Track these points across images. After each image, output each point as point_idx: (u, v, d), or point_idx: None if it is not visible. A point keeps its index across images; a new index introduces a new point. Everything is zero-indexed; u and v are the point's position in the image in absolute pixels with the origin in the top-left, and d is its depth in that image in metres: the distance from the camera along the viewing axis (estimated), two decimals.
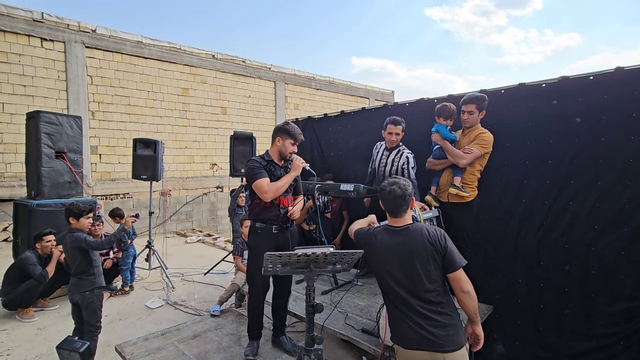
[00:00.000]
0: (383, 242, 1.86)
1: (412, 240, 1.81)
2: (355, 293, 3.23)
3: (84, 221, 2.77)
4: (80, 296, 2.74)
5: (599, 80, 2.48)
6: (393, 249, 1.83)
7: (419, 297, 1.75)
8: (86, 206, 2.80)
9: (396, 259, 1.81)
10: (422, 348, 1.70)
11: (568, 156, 2.59)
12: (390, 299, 1.85)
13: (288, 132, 2.53)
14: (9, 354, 3.14)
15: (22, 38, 6.98)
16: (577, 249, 2.55)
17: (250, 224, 2.63)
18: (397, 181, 1.92)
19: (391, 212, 1.91)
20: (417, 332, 1.71)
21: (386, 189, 1.90)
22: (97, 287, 2.79)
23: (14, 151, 6.95)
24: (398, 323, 1.80)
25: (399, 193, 1.86)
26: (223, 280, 4.89)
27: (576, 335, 2.51)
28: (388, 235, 1.88)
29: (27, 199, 4.58)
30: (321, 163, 4.48)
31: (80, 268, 2.74)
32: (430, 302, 1.75)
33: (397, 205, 1.87)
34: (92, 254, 2.80)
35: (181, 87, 9.13)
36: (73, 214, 2.74)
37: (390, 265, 1.82)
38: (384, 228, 1.94)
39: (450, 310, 1.77)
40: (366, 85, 13.63)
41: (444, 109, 2.95)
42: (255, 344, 2.58)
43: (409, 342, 1.74)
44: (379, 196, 1.96)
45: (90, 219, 2.85)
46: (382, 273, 1.85)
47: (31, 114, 4.67)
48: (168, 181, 8.31)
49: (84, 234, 2.75)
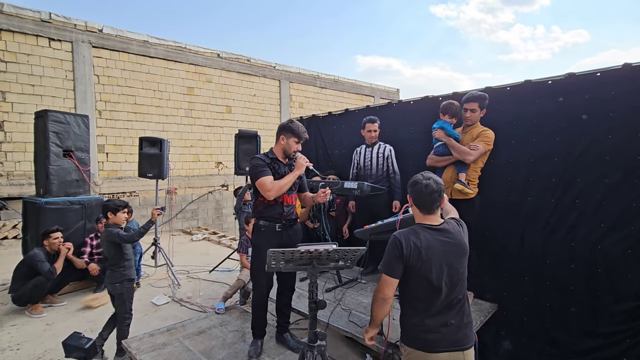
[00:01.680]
0: (429, 243, 1.68)
1: (456, 239, 1.72)
2: (359, 290, 3.23)
3: (120, 215, 2.98)
4: (112, 287, 2.93)
5: (606, 77, 2.45)
6: (439, 249, 1.67)
7: (454, 297, 1.69)
8: (122, 202, 3.05)
9: (443, 260, 1.67)
10: (446, 349, 1.65)
11: (574, 153, 2.57)
12: (419, 302, 1.70)
13: (292, 130, 2.52)
14: (18, 348, 3.20)
15: (31, 38, 7.07)
16: (583, 247, 2.53)
17: (254, 222, 2.65)
18: (432, 175, 1.77)
19: (425, 208, 1.75)
20: (443, 334, 1.66)
21: (422, 182, 1.74)
22: (127, 279, 2.94)
23: (22, 150, 7.05)
24: (420, 326, 1.69)
25: (435, 188, 1.72)
26: (228, 278, 4.92)
27: (582, 333, 2.50)
28: (430, 235, 1.70)
29: (36, 197, 4.65)
30: (325, 161, 4.49)
31: (114, 260, 2.91)
32: (460, 301, 1.71)
33: (434, 201, 1.73)
34: (124, 247, 2.95)
35: (187, 86, 9.18)
36: (110, 209, 2.94)
37: (435, 267, 1.65)
38: (420, 227, 1.74)
39: (468, 306, 1.76)
40: (371, 83, 13.59)
41: (450, 107, 2.95)
42: (258, 342, 2.59)
43: (432, 345, 1.65)
44: (411, 190, 1.78)
45: (125, 213, 3.07)
46: (422, 276, 1.66)
47: (39, 113, 4.73)
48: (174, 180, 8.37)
49: (117, 229, 2.92)
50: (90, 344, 1.86)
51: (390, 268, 1.69)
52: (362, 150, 3.75)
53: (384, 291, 1.70)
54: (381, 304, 1.72)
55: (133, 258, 3.08)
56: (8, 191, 6.88)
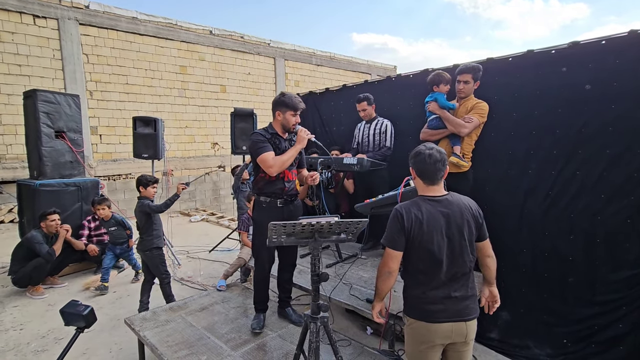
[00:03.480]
0: (430, 215, 1.66)
1: (459, 211, 1.69)
2: (360, 266, 3.25)
3: (150, 190, 3.31)
4: (143, 254, 3.29)
5: (611, 45, 2.39)
6: (440, 220, 1.66)
7: (457, 269, 1.67)
8: (152, 178, 3.36)
9: (444, 232, 1.65)
10: (449, 320, 1.65)
11: (577, 125, 2.53)
12: (421, 274, 1.70)
13: (286, 104, 2.44)
14: (22, 328, 3.22)
15: (14, 15, 6.80)
16: (582, 218, 2.53)
17: (254, 199, 2.62)
18: (433, 145, 1.74)
19: (429, 178, 1.72)
20: (445, 305, 1.66)
21: (424, 152, 1.70)
22: (155, 247, 3.26)
23: (13, 132, 6.91)
24: (422, 298, 1.69)
25: (438, 157, 1.69)
26: (228, 257, 4.94)
27: (580, 302, 2.54)
28: (431, 206, 1.68)
29: (30, 180, 4.58)
30: (324, 138, 4.43)
31: (144, 230, 3.24)
32: (464, 274, 1.70)
33: (437, 170, 1.70)
34: (154, 218, 3.26)
35: (179, 65, 8.95)
36: (142, 184, 3.29)
37: (437, 238, 1.64)
38: (421, 199, 1.72)
39: (473, 279, 1.75)
40: (368, 60, 13.34)
41: (441, 76, 2.92)
42: (261, 316, 2.61)
43: (435, 316, 1.65)
44: (414, 161, 1.75)
45: (155, 188, 3.36)
46: (424, 247, 1.65)
47: (28, 92, 4.60)
48: (170, 161, 8.30)
49: (148, 201, 3.27)
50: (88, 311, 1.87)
51: (393, 241, 1.68)
52: (361, 127, 3.72)
53: (389, 264, 1.70)
54: (387, 277, 1.72)
55: (161, 229, 3.39)
56: (1, 175, 6.79)
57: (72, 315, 1.87)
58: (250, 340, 2.42)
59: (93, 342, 2.95)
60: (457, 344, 1.69)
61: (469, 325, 1.69)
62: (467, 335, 1.68)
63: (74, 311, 1.87)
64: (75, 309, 1.88)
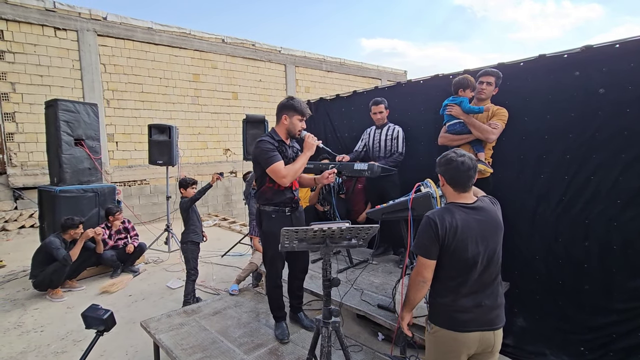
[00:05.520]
0: (464, 222, 1.62)
1: (492, 217, 1.66)
2: (371, 271, 3.26)
3: (190, 190, 3.77)
4: (181, 246, 3.73)
5: (625, 48, 2.36)
6: (474, 228, 1.62)
7: (488, 277, 1.65)
8: (192, 180, 3.82)
9: (479, 239, 1.61)
10: (478, 329, 1.61)
11: (590, 129, 2.50)
12: (451, 281, 1.65)
13: (294, 107, 2.37)
14: (42, 330, 3.32)
15: (36, 28, 7.07)
16: (597, 224, 2.49)
17: (261, 209, 2.47)
18: (464, 152, 1.70)
19: (461, 185, 1.68)
20: (475, 314, 1.62)
21: (457, 159, 1.66)
22: (190, 241, 3.65)
23: (34, 140, 7.15)
24: (451, 305, 1.64)
25: (471, 164, 1.65)
26: (240, 262, 5.00)
27: (597, 310, 2.48)
28: (465, 214, 1.64)
29: (50, 186, 4.74)
30: (335, 145, 4.46)
31: (185, 224, 3.70)
32: (494, 281, 1.67)
33: (469, 178, 1.66)
34: (191, 213, 3.71)
35: (192, 73, 9.14)
36: (183, 186, 3.78)
37: (471, 246, 1.60)
38: (454, 206, 1.68)
39: (502, 286, 1.72)
40: (378, 65, 13.35)
41: (469, 80, 2.82)
42: (283, 324, 2.55)
43: (464, 325, 1.61)
44: (445, 168, 1.70)
45: (195, 189, 3.82)
46: (458, 255, 1.61)
47: (50, 102, 4.77)
48: (183, 167, 8.43)
49: (187, 199, 3.72)
50: (108, 315, 1.93)
51: (426, 250, 1.63)
52: (371, 132, 3.73)
53: (423, 274, 1.66)
54: (421, 287, 1.67)
55: (200, 227, 3.79)
56: (23, 181, 7.01)
57: (93, 318, 1.93)
58: (263, 344, 2.45)
59: (110, 345, 3.02)
60: (483, 354, 1.65)
61: (496, 335, 1.65)
62: (494, 345, 1.65)
63: (95, 315, 1.93)
64: (96, 312, 1.94)
